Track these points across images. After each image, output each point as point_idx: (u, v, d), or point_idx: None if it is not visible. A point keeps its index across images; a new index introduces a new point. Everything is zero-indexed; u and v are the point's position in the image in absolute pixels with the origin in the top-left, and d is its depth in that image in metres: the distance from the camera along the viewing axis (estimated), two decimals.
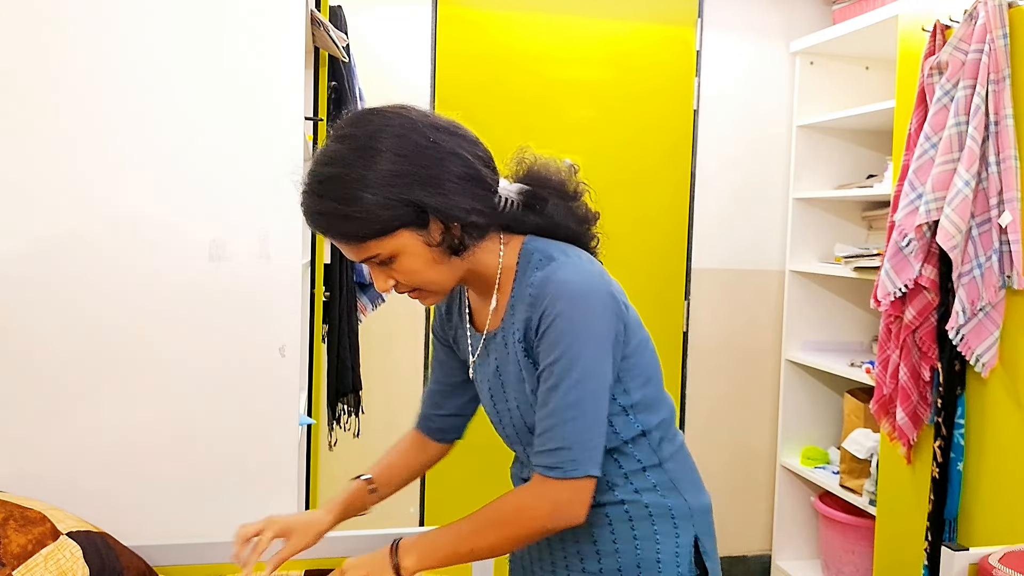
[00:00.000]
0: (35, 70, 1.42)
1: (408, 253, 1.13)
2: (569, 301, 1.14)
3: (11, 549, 1.12)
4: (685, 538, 1.26)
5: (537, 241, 1.24)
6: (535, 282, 1.17)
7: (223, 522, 1.51)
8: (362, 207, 1.08)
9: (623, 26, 3.22)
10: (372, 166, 1.08)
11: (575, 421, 1.13)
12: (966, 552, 1.56)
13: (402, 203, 1.09)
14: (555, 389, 1.14)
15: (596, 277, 1.18)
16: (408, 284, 1.17)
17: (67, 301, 1.44)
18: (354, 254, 1.14)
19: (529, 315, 1.17)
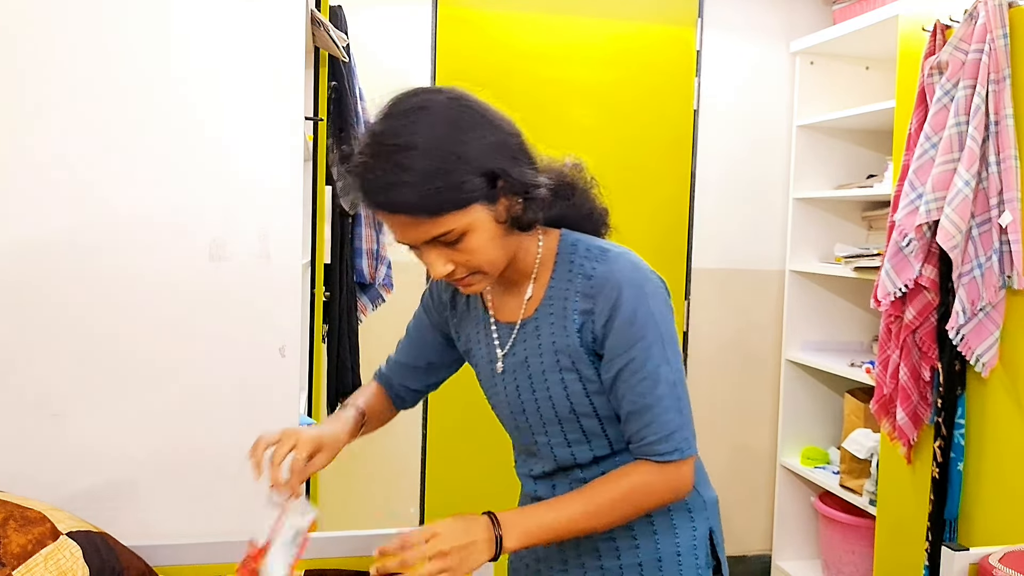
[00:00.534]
0: (35, 70, 1.42)
1: (479, 229, 1.11)
2: (641, 292, 1.16)
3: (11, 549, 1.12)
4: (701, 530, 1.28)
5: (574, 233, 1.25)
6: (595, 274, 1.17)
7: (223, 522, 1.51)
8: (448, 176, 1.06)
9: (623, 26, 3.22)
10: (461, 136, 1.07)
11: (676, 404, 1.17)
12: (966, 552, 1.56)
13: (483, 173, 1.08)
14: (651, 378, 1.15)
15: (648, 266, 1.21)
16: (469, 265, 1.14)
17: (66, 301, 1.44)
18: (422, 233, 1.09)
19: (590, 307, 1.18)
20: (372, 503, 3.11)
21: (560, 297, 1.21)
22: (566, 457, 1.27)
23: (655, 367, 1.16)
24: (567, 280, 1.21)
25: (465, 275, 1.16)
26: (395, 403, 1.48)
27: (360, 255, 2.41)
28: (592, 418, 1.23)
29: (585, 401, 1.22)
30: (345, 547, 1.46)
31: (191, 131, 1.48)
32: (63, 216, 1.44)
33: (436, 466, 3.19)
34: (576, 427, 1.24)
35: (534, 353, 1.24)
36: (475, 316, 1.34)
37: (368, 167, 1.08)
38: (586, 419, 1.23)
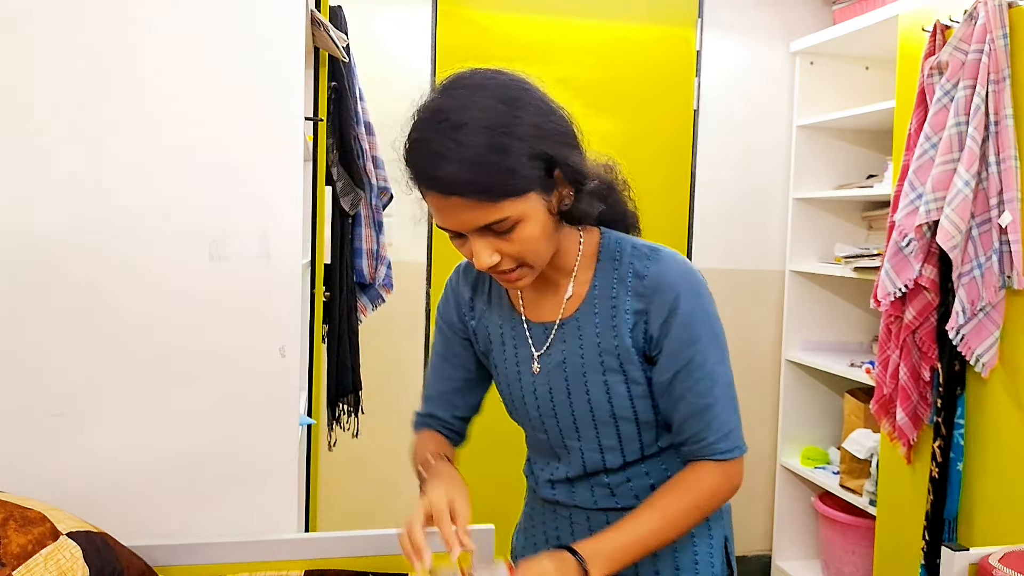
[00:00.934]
0: (34, 69, 1.42)
1: (532, 219, 1.07)
2: (697, 293, 1.16)
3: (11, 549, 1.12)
4: (717, 538, 1.28)
5: (615, 232, 1.24)
6: (651, 273, 1.16)
7: (223, 522, 1.51)
8: (511, 158, 1.01)
9: (623, 26, 3.22)
10: (520, 116, 1.03)
11: (733, 402, 1.18)
12: (966, 552, 1.56)
13: (543, 159, 1.05)
14: (709, 378, 1.16)
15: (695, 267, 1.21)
16: (517, 257, 1.09)
17: (66, 301, 1.44)
18: (477, 217, 1.04)
19: (644, 307, 1.16)
20: (372, 503, 3.11)
21: (607, 296, 1.18)
22: (596, 462, 1.24)
23: (712, 367, 1.16)
24: (614, 279, 1.18)
25: (511, 267, 1.11)
26: (451, 440, 1.40)
27: (360, 255, 2.41)
28: (631, 422, 1.21)
29: (627, 404, 1.20)
30: (345, 547, 1.46)
31: (191, 131, 1.48)
32: (62, 216, 1.44)
33: None
34: (612, 431, 1.22)
35: (574, 353, 1.20)
36: (501, 316, 1.29)
37: (424, 143, 1.03)
38: (624, 423, 1.21)
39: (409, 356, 3.12)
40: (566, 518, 1.30)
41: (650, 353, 1.18)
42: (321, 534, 1.52)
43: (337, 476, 2.97)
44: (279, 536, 1.50)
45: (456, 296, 1.35)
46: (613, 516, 1.24)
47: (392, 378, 3.10)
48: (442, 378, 1.38)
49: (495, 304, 1.30)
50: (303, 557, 1.44)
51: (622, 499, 1.25)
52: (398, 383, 3.11)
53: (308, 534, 1.57)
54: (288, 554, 1.43)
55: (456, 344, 1.35)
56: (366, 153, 2.38)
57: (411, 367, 3.13)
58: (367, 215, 2.42)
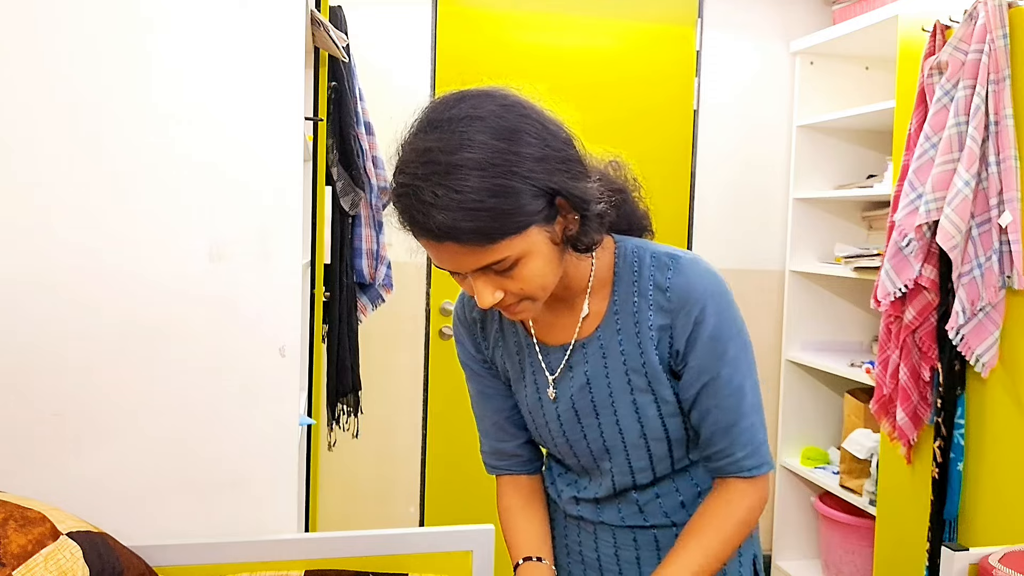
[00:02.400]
0: (34, 70, 1.42)
1: (535, 253, 0.99)
2: (722, 302, 1.12)
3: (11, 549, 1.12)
4: (747, 558, 1.25)
5: (630, 240, 1.18)
6: (674, 286, 1.10)
7: (223, 522, 1.51)
8: (511, 200, 0.93)
9: (623, 26, 3.22)
10: (520, 152, 0.94)
11: (760, 418, 1.15)
12: (966, 552, 1.56)
13: (544, 192, 0.96)
14: (737, 393, 1.12)
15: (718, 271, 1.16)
16: (521, 293, 1.02)
17: (66, 301, 1.44)
18: (474, 261, 0.97)
19: (669, 321, 1.10)
20: (372, 503, 3.11)
21: (628, 312, 1.12)
22: (626, 483, 1.20)
23: (741, 381, 1.13)
24: (635, 293, 1.12)
25: (515, 303, 1.04)
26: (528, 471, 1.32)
27: (360, 255, 2.41)
28: (662, 442, 1.16)
29: (658, 424, 1.15)
30: (345, 547, 1.46)
31: (190, 131, 1.48)
32: (62, 216, 1.44)
33: (436, 466, 3.18)
34: (644, 452, 1.17)
35: (598, 375, 1.15)
36: (516, 342, 1.23)
37: (413, 189, 0.94)
38: (656, 443, 1.16)
39: (409, 356, 3.12)
40: (591, 533, 1.26)
41: (676, 368, 1.13)
42: (321, 534, 1.52)
43: (337, 476, 2.97)
44: (279, 536, 1.50)
45: (466, 327, 1.29)
46: (640, 533, 1.22)
47: (392, 378, 3.10)
48: (489, 412, 1.31)
49: (508, 331, 1.23)
50: (303, 557, 1.43)
51: (651, 516, 1.22)
52: (398, 383, 3.11)
53: (308, 534, 1.57)
54: (288, 554, 1.43)
55: (486, 376, 1.29)
56: (366, 153, 2.38)
57: (411, 367, 3.13)
58: (367, 215, 2.42)
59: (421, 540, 1.45)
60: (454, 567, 1.48)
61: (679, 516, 1.21)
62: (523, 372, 1.22)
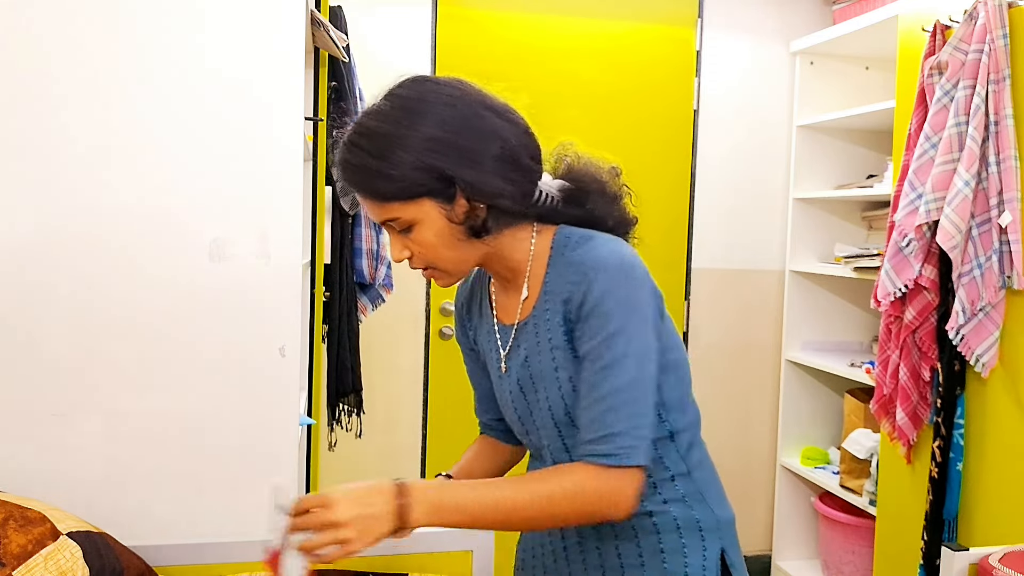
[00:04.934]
0: (35, 70, 1.42)
1: (426, 224, 1.11)
2: (614, 277, 1.10)
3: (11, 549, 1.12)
4: (712, 551, 1.22)
5: (570, 228, 1.21)
6: (574, 261, 1.13)
7: (223, 522, 1.51)
8: (392, 165, 1.08)
9: (623, 26, 3.22)
10: (413, 127, 1.09)
11: (628, 406, 1.07)
12: (966, 552, 1.56)
13: (433, 170, 1.08)
14: (606, 370, 1.08)
15: (638, 257, 1.15)
16: (421, 258, 1.15)
17: (67, 302, 1.44)
18: (375, 213, 1.13)
19: (569, 295, 1.13)
20: None
21: (556, 292, 1.16)
22: (563, 461, 1.20)
23: (612, 360, 1.08)
24: (561, 274, 1.16)
25: (422, 267, 1.17)
26: (504, 440, 1.40)
27: (360, 255, 2.41)
28: None
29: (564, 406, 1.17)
30: None
31: (191, 131, 1.48)
32: (63, 216, 1.44)
33: (436, 466, 3.18)
34: (571, 430, 1.17)
35: (534, 354, 1.19)
36: (487, 321, 1.30)
37: (342, 142, 1.14)
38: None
39: (409, 356, 3.12)
40: None
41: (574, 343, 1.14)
42: None
43: (337, 476, 2.97)
44: None
45: (457, 310, 1.39)
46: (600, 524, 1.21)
47: (392, 378, 3.10)
48: (476, 384, 1.41)
49: (484, 311, 1.31)
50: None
51: None
52: (398, 383, 3.11)
53: None
54: None
55: (472, 356, 1.37)
56: None
57: (411, 367, 3.13)
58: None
59: (421, 540, 1.45)
60: (454, 567, 1.48)
61: None
62: (489, 349, 1.29)
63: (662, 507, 1.20)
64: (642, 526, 1.20)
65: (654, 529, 1.20)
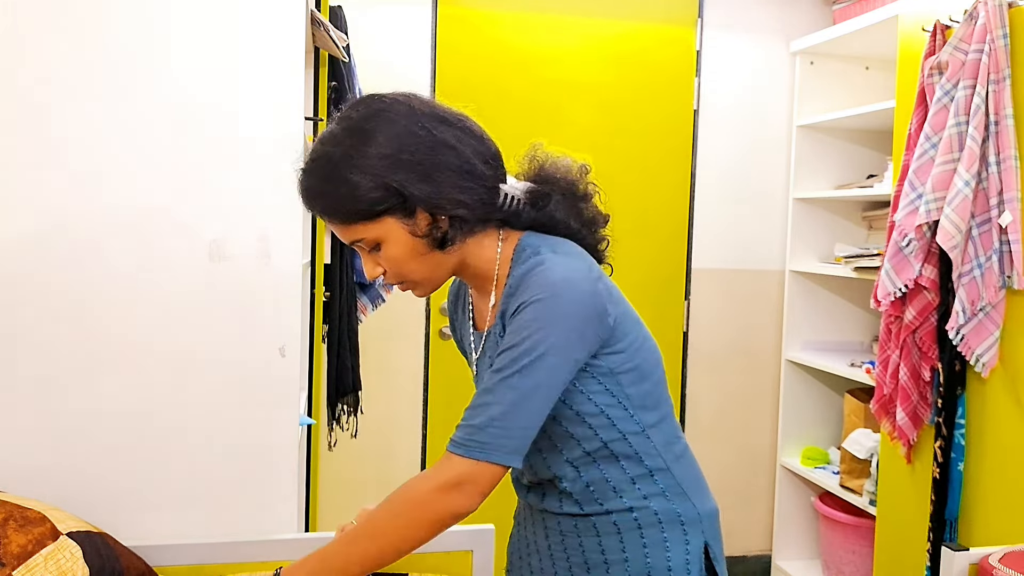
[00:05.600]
0: (35, 70, 1.42)
1: (392, 241, 1.14)
2: (541, 295, 1.11)
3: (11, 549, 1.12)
4: (695, 544, 1.23)
5: (533, 236, 1.22)
6: (517, 274, 1.17)
7: (223, 522, 1.51)
8: (348, 188, 1.10)
9: (623, 26, 3.22)
10: (362, 148, 1.11)
11: (501, 406, 1.10)
12: (966, 552, 1.56)
13: (387, 188, 1.11)
14: (498, 372, 1.12)
15: (580, 274, 1.14)
16: (393, 274, 1.18)
17: (67, 302, 1.44)
18: (342, 235, 1.17)
19: (505, 307, 1.18)
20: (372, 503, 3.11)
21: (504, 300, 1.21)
22: (540, 465, 1.25)
23: (512, 367, 1.10)
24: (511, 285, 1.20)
25: (395, 282, 1.20)
26: None
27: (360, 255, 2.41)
28: (551, 422, 1.19)
29: None
30: None
31: (191, 131, 1.48)
32: (63, 216, 1.44)
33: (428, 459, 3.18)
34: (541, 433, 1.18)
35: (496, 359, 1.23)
36: (465, 326, 1.35)
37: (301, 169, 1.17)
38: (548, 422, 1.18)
39: (409, 356, 3.12)
40: (540, 521, 1.31)
41: None
42: (321, 534, 1.52)
43: (337, 476, 2.97)
44: (279, 536, 1.50)
45: (448, 309, 1.44)
46: (580, 522, 1.24)
47: (392, 378, 3.10)
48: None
49: (466, 313, 1.35)
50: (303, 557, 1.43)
51: (586, 505, 1.23)
52: (398, 383, 3.11)
53: (308, 534, 1.57)
54: (288, 554, 1.43)
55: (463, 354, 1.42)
56: None
57: (411, 367, 3.13)
58: None
59: None
60: (454, 567, 1.48)
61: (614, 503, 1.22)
62: (466, 352, 1.35)
63: (642, 502, 1.22)
64: (624, 522, 1.22)
65: (635, 524, 1.22)
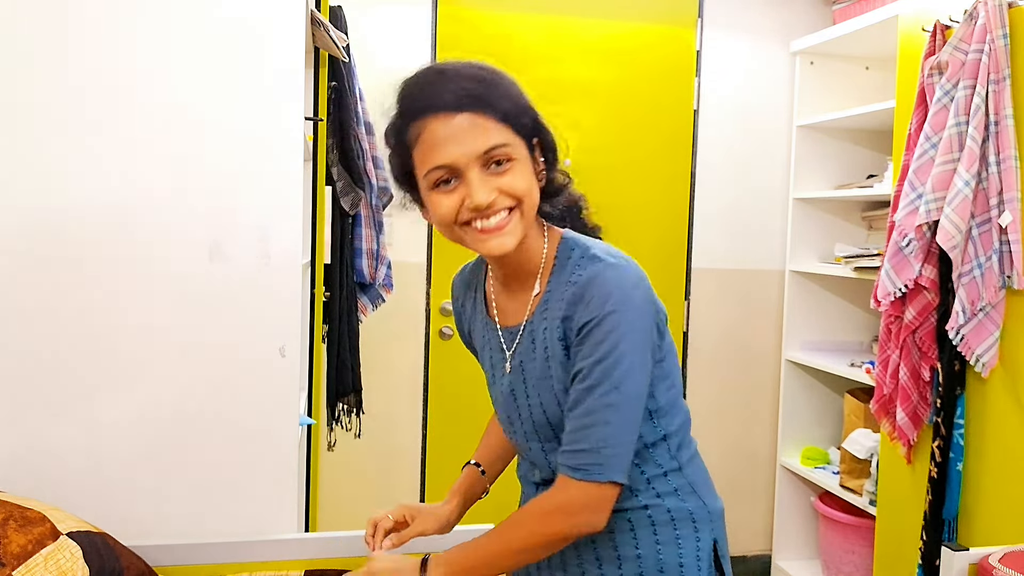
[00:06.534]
0: (34, 70, 1.42)
1: (523, 164, 1.14)
2: (616, 303, 1.11)
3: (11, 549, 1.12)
4: (705, 541, 1.25)
5: (574, 235, 1.23)
6: (580, 280, 1.14)
7: (223, 522, 1.51)
8: (509, 89, 1.15)
9: (623, 26, 3.22)
10: (507, 77, 1.18)
11: (608, 425, 1.11)
12: (966, 552, 1.56)
13: (533, 114, 1.17)
14: (592, 390, 1.11)
15: (640, 280, 1.16)
16: (512, 193, 1.12)
17: (67, 301, 1.44)
18: (484, 139, 1.10)
19: (570, 313, 1.14)
20: (372, 503, 3.11)
21: (554, 300, 1.18)
22: (543, 462, 1.25)
23: (598, 381, 1.11)
24: (560, 285, 1.18)
25: (504, 207, 1.12)
26: None
27: (360, 255, 2.41)
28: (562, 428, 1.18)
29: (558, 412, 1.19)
30: (345, 547, 1.46)
31: (191, 131, 1.48)
32: (63, 217, 1.44)
33: (436, 466, 3.18)
34: (550, 433, 1.21)
35: (529, 357, 1.22)
36: (484, 324, 1.32)
37: (426, 74, 1.15)
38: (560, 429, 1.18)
39: (409, 356, 3.12)
40: None
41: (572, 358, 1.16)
42: (321, 534, 1.52)
43: (337, 476, 2.97)
44: (279, 536, 1.50)
45: (455, 301, 1.41)
46: None
47: (392, 378, 3.10)
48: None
49: (479, 311, 1.32)
50: (303, 557, 1.44)
51: None
52: (398, 383, 3.11)
53: (308, 534, 1.57)
54: (288, 554, 1.43)
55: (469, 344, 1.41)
56: (366, 153, 2.38)
57: (411, 367, 3.13)
58: (367, 215, 2.42)
59: (421, 540, 1.45)
60: None
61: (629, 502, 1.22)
62: (488, 351, 1.31)
63: (656, 500, 1.23)
64: (638, 520, 1.23)
65: (649, 522, 1.23)
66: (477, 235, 1.14)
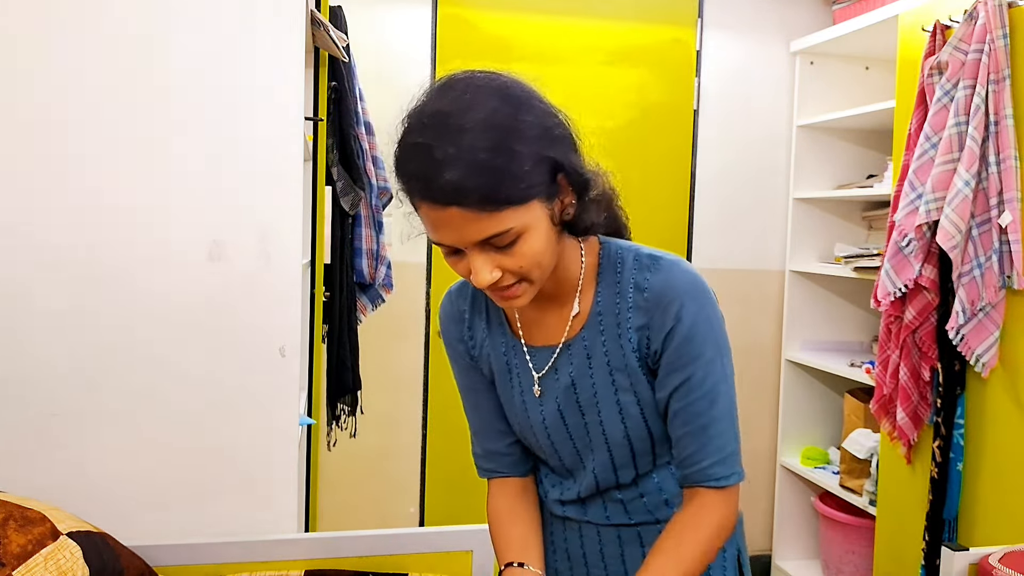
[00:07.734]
0: (35, 71, 1.42)
1: (536, 230, 0.99)
2: (701, 304, 1.08)
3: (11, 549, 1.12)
4: (731, 551, 1.25)
5: (613, 240, 1.17)
6: (652, 285, 1.09)
7: (223, 522, 1.51)
8: (514, 161, 0.94)
9: (623, 26, 3.22)
10: (525, 118, 0.97)
11: (732, 425, 1.12)
12: (966, 552, 1.56)
13: (547, 162, 0.98)
14: (708, 396, 1.10)
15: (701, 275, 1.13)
16: (519, 272, 1.01)
17: (66, 301, 1.44)
18: (477, 230, 0.96)
19: (647, 321, 1.09)
20: (372, 503, 3.11)
21: (611, 312, 1.12)
22: (608, 480, 1.19)
23: (714, 384, 1.10)
24: (616, 293, 1.12)
25: (512, 283, 1.02)
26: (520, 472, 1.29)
27: (360, 255, 2.41)
28: (645, 441, 1.16)
29: (640, 423, 1.14)
30: (345, 547, 1.46)
31: (191, 131, 1.48)
32: (62, 217, 1.44)
33: (436, 466, 3.18)
34: (626, 451, 1.16)
35: (583, 375, 1.15)
36: (503, 343, 1.22)
37: (424, 148, 0.95)
38: (639, 442, 1.16)
39: (409, 355, 3.12)
40: (576, 531, 1.26)
41: (654, 368, 1.13)
42: (321, 534, 1.52)
43: (337, 476, 2.97)
44: (279, 536, 1.50)
45: (453, 320, 1.26)
46: (624, 531, 1.22)
47: (392, 378, 3.10)
48: (478, 408, 1.29)
49: (495, 329, 1.22)
50: (303, 557, 1.43)
51: (635, 515, 1.21)
52: (398, 383, 3.11)
53: (308, 534, 1.57)
54: (288, 554, 1.43)
55: (472, 370, 1.27)
56: (366, 153, 2.38)
57: (411, 366, 3.13)
58: (367, 215, 2.42)
59: (421, 540, 1.45)
60: (454, 567, 1.48)
61: (663, 513, 1.21)
62: (509, 372, 1.21)
63: None
64: None
65: None
66: (490, 294, 1.06)
